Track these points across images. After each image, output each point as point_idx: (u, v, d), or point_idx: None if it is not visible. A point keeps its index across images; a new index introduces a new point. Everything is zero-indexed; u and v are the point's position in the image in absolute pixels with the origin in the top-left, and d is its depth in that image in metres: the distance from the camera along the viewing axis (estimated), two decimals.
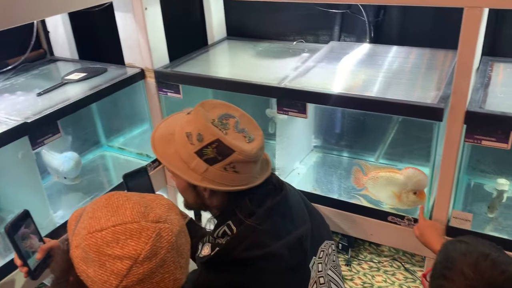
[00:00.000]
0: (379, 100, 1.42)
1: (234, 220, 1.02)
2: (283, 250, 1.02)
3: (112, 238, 0.70)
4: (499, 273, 0.83)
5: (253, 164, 1.01)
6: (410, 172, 1.52)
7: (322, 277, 1.11)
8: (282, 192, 1.08)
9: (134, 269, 0.69)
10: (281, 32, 2.12)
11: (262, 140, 1.02)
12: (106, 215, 0.72)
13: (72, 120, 1.86)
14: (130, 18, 1.78)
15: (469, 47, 1.20)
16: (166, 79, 1.80)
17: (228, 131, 1.00)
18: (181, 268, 0.74)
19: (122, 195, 0.76)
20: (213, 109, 1.04)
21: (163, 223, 0.73)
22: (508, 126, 1.23)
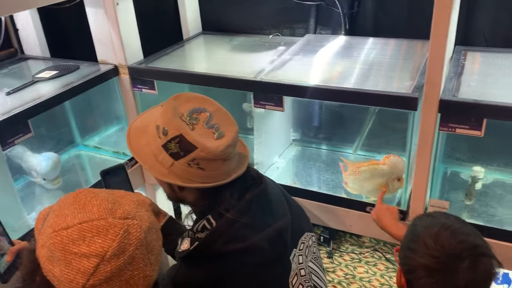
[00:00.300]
0: (355, 91, 1.42)
1: (213, 214, 1.01)
2: (263, 243, 1.01)
3: (78, 235, 0.68)
4: (457, 242, 0.88)
5: (221, 161, 0.98)
6: (393, 160, 1.52)
7: (303, 269, 1.11)
8: (261, 185, 1.07)
9: (101, 267, 0.67)
10: (256, 26, 2.11)
11: (233, 137, 0.99)
12: (72, 213, 0.70)
13: (45, 119, 1.81)
14: (101, 14, 1.74)
15: (441, 36, 1.20)
16: (141, 75, 1.77)
17: (196, 126, 0.98)
18: (151, 265, 0.73)
19: (90, 192, 0.74)
20: (186, 103, 1.02)
21: (132, 219, 0.71)
22: (480, 114, 1.25)
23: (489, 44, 1.72)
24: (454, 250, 0.87)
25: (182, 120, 0.98)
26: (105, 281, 0.68)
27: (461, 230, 0.91)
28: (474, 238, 0.90)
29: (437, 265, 0.87)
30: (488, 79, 1.44)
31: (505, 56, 1.60)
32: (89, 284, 0.67)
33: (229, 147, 0.97)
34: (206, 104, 1.03)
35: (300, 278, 1.09)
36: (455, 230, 0.90)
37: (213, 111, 1.02)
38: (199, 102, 1.03)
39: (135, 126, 1.09)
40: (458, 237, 0.88)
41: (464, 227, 0.92)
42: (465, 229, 0.92)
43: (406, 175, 1.50)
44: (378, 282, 2.36)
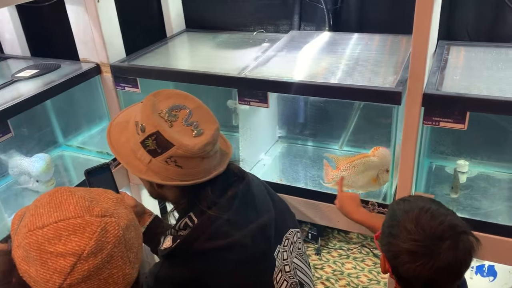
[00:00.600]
0: (339, 87, 1.42)
1: (195, 211, 1.00)
2: (246, 239, 1.00)
3: (54, 234, 0.66)
4: (438, 224, 0.90)
5: (199, 159, 0.96)
6: (382, 152, 1.52)
7: (288, 265, 1.11)
8: (244, 182, 1.06)
9: (79, 266, 0.65)
10: (240, 23, 2.10)
11: (212, 134, 0.98)
12: (48, 212, 0.69)
13: (26, 120, 1.78)
14: (82, 12, 1.72)
15: (423, 29, 1.20)
16: (123, 73, 1.74)
17: (175, 123, 0.97)
18: (130, 263, 0.71)
19: (67, 190, 0.72)
20: (167, 99, 1.00)
21: (109, 217, 0.70)
22: (464, 107, 1.25)
23: (472, 38, 1.74)
24: (435, 232, 0.89)
25: (161, 117, 0.97)
26: (82, 280, 0.66)
27: (439, 211, 0.92)
28: (452, 218, 0.92)
29: (420, 249, 0.88)
30: (471, 73, 1.45)
31: (488, 50, 1.61)
32: (66, 284, 0.65)
33: (207, 145, 0.96)
34: (186, 101, 1.01)
35: (285, 274, 1.09)
36: (433, 212, 0.91)
37: (193, 108, 1.01)
38: (180, 99, 1.02)
39: (116, 122, 1.08)
40: (438, 219, 0.90)
41: (441, 208, 0.94)
42: (443, 210, 0.94)
43: (391, 169, 1.51)
44: (366, 277, 2.36)
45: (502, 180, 1.63)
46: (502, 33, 1.69)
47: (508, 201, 1.53)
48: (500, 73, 1.43)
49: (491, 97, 1.23)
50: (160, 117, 0.96)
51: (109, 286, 0.69)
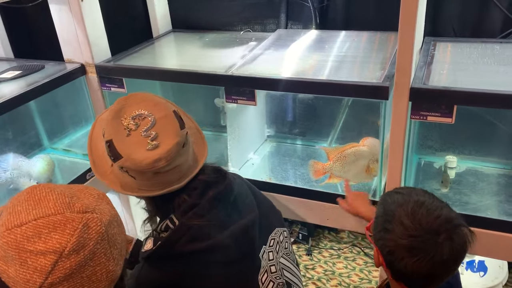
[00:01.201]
0: (326, 83, 1.41)
1: (176, 213, 0.98)
2: (228, 240, 0.98)
3: (33, 232, 0.64)
4: (434, 218, 0.89)
5: (151, 174, 0.92)
6: (372, 141, 1.51)
7: (274, 265, 1.08)
8: (225, 182, 1.03)
9: (60, 264, 0.63)
10: (227, 22, 2.09)
11: (168, 149, 0.92)
12: (27, 209, 0.66)
13: (10, 122, 1.75)
14: (66, 11, 1.69)
15: (409, 21, 1.20)
16: (109, 73, 1.72)
17: (134, 132, 0.93)
18: (114, 259, 0.69)
19: (46, 187, 0.70)
20: (137, 104, 0.96)
21: (91, 213, 0.68)
22: (451, 100, 1.25)
23: (458, 34, 1.74)
24: (432, 227, 0.88)
25: (122, 124, 0.94)
26: (64, 279, 0.64)
27: (434, 204, 0.92)
28: (447, 211, 0.92)
29: (418, 244, 0.88)
30: (458, 68, 1.45)
31: (473, 46, 1.62)
32: (48, 283, 0.63)
33: (158, 161, 0.91)
34: (155, 109, 0.96)
35: (271, 275, 1.06)
36: (428, 206, 0.91)
37: (159, 117, 0.95)
38: (149, 105, 0.96)
39: (101, 118, 1.06)
40: (434, 213, 0.89)
41: (435, 200, 0.94)
42: (437, 203, 0.93)
43: (380, 165, 1.50)
44: (358, 277, 2.36)
45: (491, 174, 1.64)
46: (487, 29, 1.70)
47: (497, 196, 1.53)
48: (486, 67, 1.44)
49: (478, 90, 1.23)
50: (120, 124, 0.93)
51: (92, 284, 0.67)
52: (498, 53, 1.54)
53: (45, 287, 0.63)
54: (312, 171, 1.61)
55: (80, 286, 0.65)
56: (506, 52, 1.54)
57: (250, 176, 1.75)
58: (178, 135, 0.95)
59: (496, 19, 1.66)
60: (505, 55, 1.51)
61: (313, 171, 1.61)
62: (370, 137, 1.52)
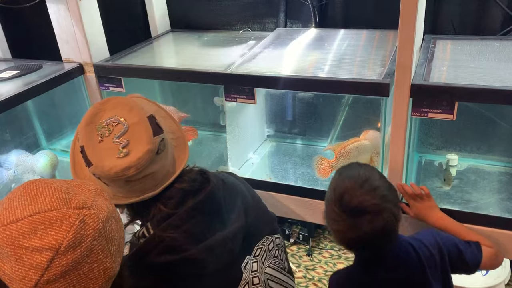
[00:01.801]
0: (326, 80, 1.40)
1: (152, 221, 0.95)
2: (203, 254, 0.94)
3: (29, 228, 0.63)
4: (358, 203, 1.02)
5: (123, 181, 0.91)
6: (373, 134, 1.49)
7: (257, 276, 1.04)
8: (206, 189, 0.99)
9: (56, 261, 0.62)
10: (226, 22, 2.08)
11: (139, 157, 0.89)
12: (22, 205, 0.65)
13: (8, 122, 1.74)
14: (64, 11, 1.68)
15: (409, 18, 1.20)
16: (107, 73, 1.71)
17: (106, 138, 0.92)
18: (112, 256, 0.68)
19: (42, 182, 0.69)
20: (112, 109, 0.95)
21: (88, 209, 0.67)
22: (452, 97, 1.24)
23: (457, 32, 1.74)
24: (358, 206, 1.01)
25: (96, 129, 0.92)
26: (61, 276, 0.63)
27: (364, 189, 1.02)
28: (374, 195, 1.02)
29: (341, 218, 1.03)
30: (458, 64, 1.44)
31: (473, 43, 1.61)
32: (44, 280, 0.62)
33: (127, 169, 0.89)
34: (129, 114, 0.94)
35: (252, 286, 1.03)
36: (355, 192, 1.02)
37: (132, 123, 0.93)
38: (124, 110, 0.94)
39: None
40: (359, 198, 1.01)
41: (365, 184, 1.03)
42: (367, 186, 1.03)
43: (381, 161, 1.49)
44: None
45: (492, 172, 1.63)
46: (487, 26, 1.69)
47: (498, 193, 1.52)
48: (487, 64, 1.43)
49: (479, 86, 1.22)
50: (94, 130, 0.92)
51: (89, 281, 0.65)
52: (498, 50, 1.53)
53: (41, 284, 0.62)
54: (317, 168, 1.57)
55: (77, 283, 0.64)
56: (506, 49, 1.53)
57: (250, 175, 1.74)
58: (151, 142, 0.92)
59: (496, 17, 1.66)
60: (505, 52, 1.51)
61: (318, 168, 1.57)
62: (371, 129, 1.50)
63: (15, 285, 0.63)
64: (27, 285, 0.63)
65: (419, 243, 1.15)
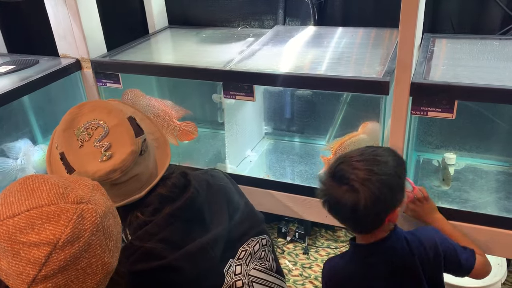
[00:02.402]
0: (326, 78, 1.39)
1: (129, 228, 0.94)
2: (182, 261, 0.92)
3: (26, 223, 0.62)
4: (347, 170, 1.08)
5: (108, 185, 0.89)
6: (371, 127, 1.48)
7: (241, 280, 1.02)
8: (186, 196, 0.97)
9: (54, 256, 0.62)
10: (224, 18, 2.07)
11: (123, 159, 0.89)
12: (19, 200, 0.65)
13: (3, 117, 1.72)
14: (61, 5, 1.66)
15: (411, 16, 1.19)
16: (104, 69, 1.69)
17: (87, 143, 0.90)
18: (110, 251, 0.68)
19: (39, 177, 0.68)
20: (90, 113, 0.94)
21: (86, 203, 0.66)
22: (452, 95, 1.24)
23: (456, 31, 1.74)
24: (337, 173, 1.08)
25: (75, 134, 0.91)
26: (59, 271, 0.62)
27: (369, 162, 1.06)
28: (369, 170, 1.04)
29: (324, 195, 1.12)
30: (457, 63, 1.44)
31: (472, 42, 1.61)
32: (41, 275, 0.61)
33: (113, 172, 0.88)
34: (109, 117, 0.93)
35: None
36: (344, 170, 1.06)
37: (112, 126, 0.92)
38: (103, 113, 0.94)
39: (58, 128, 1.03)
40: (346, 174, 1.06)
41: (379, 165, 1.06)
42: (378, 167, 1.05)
43: None
44: None
45: (490, 171, 1.63)
46: (486, 26, 1.69)
47: (496, 192, 1.52)
48: (486, 63, 1.43)
49: (479, 85, 1.22)
50: (72, 135, 0.91)
51: (87, 276, 0.65)
52: (498, 49, 1.53)
53: (38, 279, 0.62)
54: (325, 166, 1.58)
55: (75, 279, 0.64)
56: (505, 48, 1.53)
57: (247, 173, 1.73)
58: (133, 143, 0.91)
59: (495, 16, 1.66)
60: (504, 51, 1.51)
61: None
62: (370, 121, 1.49)
63: (12, 281, 0.63)
64: (25, 280, 0.62)
65: (414, 237, 1.16)
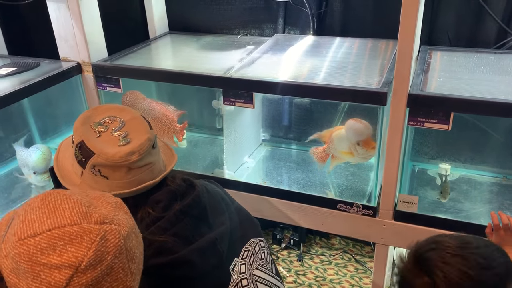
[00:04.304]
0: (325, 87, 1.42)
1: (141, 226, 0.93)
2: (193, 256, 0.95)
3: (47, 244, 0.60)
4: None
5: (125, 169, 0.92)
6: (349, 123, 1.49)
7: (246, 278, 1.05)
8: (193, 193, 1.01)
9: (76, 280, 0.59)
10: (224, 26, 2.09)
11: (140, 144, 0.93)
12: (41, 218, 0.62)
13: (2, 119, 1.73)
14: (63, 9, 1.68)
15: (409, 29, 1.22)
16: (105, 73, 1.70)
17: (104, 133, 0.94)
18: (132, 274, 0.65)
19: (61, 194, 0.66)
20: (104, 112, 0.99)
21: (109, 224, 0.64)
22: (448, 107, 1.26)
23: (453, 44, 1.77)
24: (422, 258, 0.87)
25: (90, 127, 0.95)
26: None
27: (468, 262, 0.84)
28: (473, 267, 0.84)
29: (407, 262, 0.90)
30: (454, 76, 1.47)
31: (468, 55, 1.64)
32: None
33: (131, 154, 0.92)
34: (122, 113, 0.99)
35: None
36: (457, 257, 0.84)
37: (127, 119, 0.98)
38: (116, 111, 1.00)
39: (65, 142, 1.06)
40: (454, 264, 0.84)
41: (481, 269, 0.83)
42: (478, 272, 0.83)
43: (375, 174, 1.51)
44: (348, 283, 2.35)
45: (483, 182, 1.66)
46: (482, 39, 1.72)
47: (490, 203, 1.55)
48: (482, 76, 1.46)
49: (475, 98, 1.25)
50: (89, 128, 0.95)
51: None
52: (493, 63, 1.56)
53: None
54: (316, 158, 1.61)
55: None
56: (500, 62, 1.57)
57: (245, 180, 1.75)
58: (149, 132, 0.97)
59: (490, 30, 1.69)
60: (499, 65, 1.54)
61: (316, 157, 1.61)
62: (355, 119, 1.50)
63: None
64: None
65: None
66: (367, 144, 1.48)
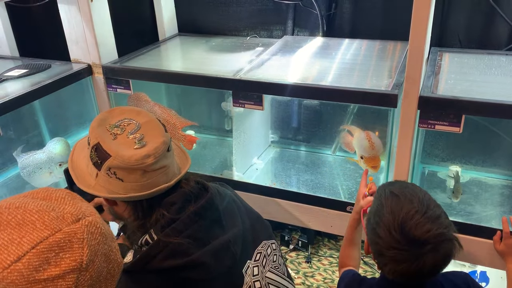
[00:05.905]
0: (335, 89, 1.41)
1: (156, 227, 0.96)
2: (207, 257, 0.96)
3: (39, 260, 0.58)
4: (423, 232, 0.89)
5: (140, 172, 0.93)
6: (358, 136, 1.48)
7: (258, 280, 1.06)
8: (207, 196, 1.01)
9: (81, 279, 0.60)
10: (234, 27, 2.10)
11: (156, 147, 0.94)
12: (12, 240, 0.58)
13: (14, 120, 1.74)
14: (75, 11, 1.69)
15: (420, 31, 1.22)
16: (115, 75, 1.72)
17: (120, 136, 0.95)
18: (117, 250, 0.68)
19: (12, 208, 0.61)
20: (120, 115, 1.00)
21: (84, 218, 0.64)
22: (459, 110, 1.26)
23: (463, 45, 1.76)
24: (419, 240, 0.90)
25: (107, 129, 0.95)
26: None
27: (427, 216, 0.91)
28: (439, 224, 0.91)
29: (402, 256, 0.91)
30: (465, 78, 1.46)
31: (479, 57, 1.63)
32: None
33: (146, 157, 0.92)
34: (138, 116, 1.00)
35: None
36: (419, 219, 0.90)
37: (143, 122, 0.98)
38: (132, 114, 1.01)
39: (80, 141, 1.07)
40: (424, 227, 0.90)
41: (429, 210, 0.92)
42: (431, 213, 0.92)
43: (386, 171, 1.50)
44: None
45: (494, 185, 1.64)
46: (493, 41, 1.71)
47: (500, 206, 1.54)
48: (493, 78, 1.45)
49: (486, 100, 1.24)
50: (105, 130, 0.95)
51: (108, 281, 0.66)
52: (504, 65, 1.55)
53: None
54: (343, 143, 1.61)
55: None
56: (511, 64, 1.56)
57: (254, 181, 1.75)
58: (164, 135, 0.98)
59: (502, 32, 1.68)
60: (511, 67, 1.53)
61: (344, 143, 1.61)
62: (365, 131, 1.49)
63: None
64: None
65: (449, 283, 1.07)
66: (369, 162, 1.47)
